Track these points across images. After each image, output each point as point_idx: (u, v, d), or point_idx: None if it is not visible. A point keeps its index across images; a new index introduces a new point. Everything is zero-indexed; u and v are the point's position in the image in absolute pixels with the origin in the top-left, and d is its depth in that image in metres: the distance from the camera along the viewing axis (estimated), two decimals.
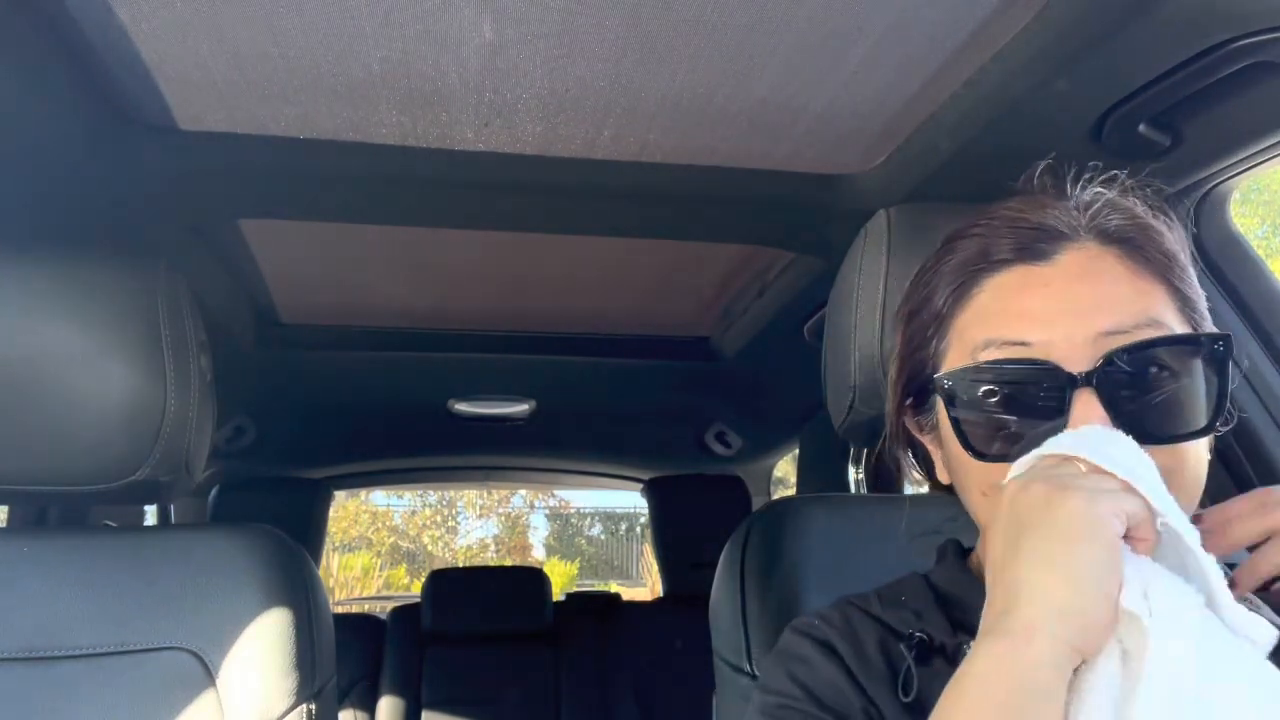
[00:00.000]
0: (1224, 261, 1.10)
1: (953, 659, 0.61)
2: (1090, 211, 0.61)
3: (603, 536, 13.84)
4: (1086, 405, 0.55)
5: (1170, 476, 0.55)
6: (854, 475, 1.96)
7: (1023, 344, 0.58)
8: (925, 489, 0.78)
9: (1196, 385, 0.57)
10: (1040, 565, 0.47)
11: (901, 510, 0.96)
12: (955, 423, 0.61)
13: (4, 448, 0.90)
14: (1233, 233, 1.11)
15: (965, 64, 0.93)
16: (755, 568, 0.95)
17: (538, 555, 13.01)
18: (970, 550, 0.72)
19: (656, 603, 2.79)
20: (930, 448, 0.70)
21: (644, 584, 10.88)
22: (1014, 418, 0.58)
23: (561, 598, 2.66)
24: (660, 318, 1.86)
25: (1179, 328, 0.58)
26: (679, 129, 1.07)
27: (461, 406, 2.19)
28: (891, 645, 0.63)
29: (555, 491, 12.30)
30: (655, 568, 2.95)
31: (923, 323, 0.66)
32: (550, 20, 0.86)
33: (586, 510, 13.58)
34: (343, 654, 1.19)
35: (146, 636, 0.91)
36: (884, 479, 1.83)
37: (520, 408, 2.21)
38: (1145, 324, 0.57)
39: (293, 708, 0.91)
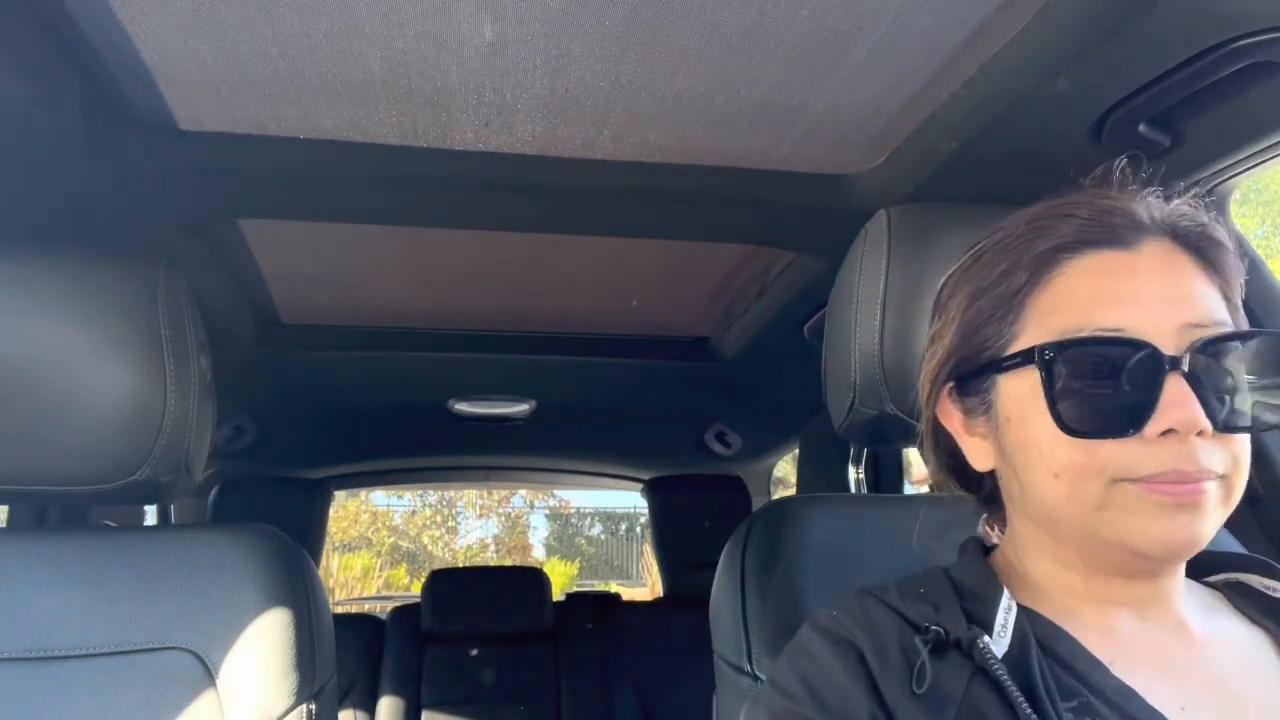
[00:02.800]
0: None
1: (968, 652, 0.61)
2: (1168, 210, 0.64)
3: (603, 536, 13.84)
4: (1177, 389, 0.57)
5: (1236, 466, 0.59)
6: (854, 475, 1.96)
7: (1115, 329, 0.60)
8: (925, 489, 0.78)
9: (1269, 381, 0.60)
10: None
11: (902, 510, 0.96)
12: (1050, 396, 0.60)
13: (4, 448, 0.90)
14: (1233, 233, 1.11)
15: (965, 64, 0.93)
16: (755, 568, 0.95)
17: (538, 555, 13.01)
18: (992, 549, 0.72)
19: (656, 603, 2.78)
20: (965, 437, 0.69)
21: (644, 584, 10.88)
22: (1106, 395, 0.59)
23: (561, 598, 2.66)
24: (660, 318, 1.86)
25: None
26: (679, 129, 1.07)
27: (462, 406, 2.19)
28: (909, 638, 0.63)
29: (555, 491, 12.30)
30: (655, 568, 2.95)
31: (993, 300, 0.65)
32: (550, 20, 0.86)
33: (586, 510, 13.60)
34: (343, 654, 1.19)
35: (146, 636, 0.91)
36: (884, 479, 1.83)
37: (520, 408, 2.21)
38: (1218, 323, 0.60)
39: (293, 708, 0.91)
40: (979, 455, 0.68)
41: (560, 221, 1.28)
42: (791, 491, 2.70)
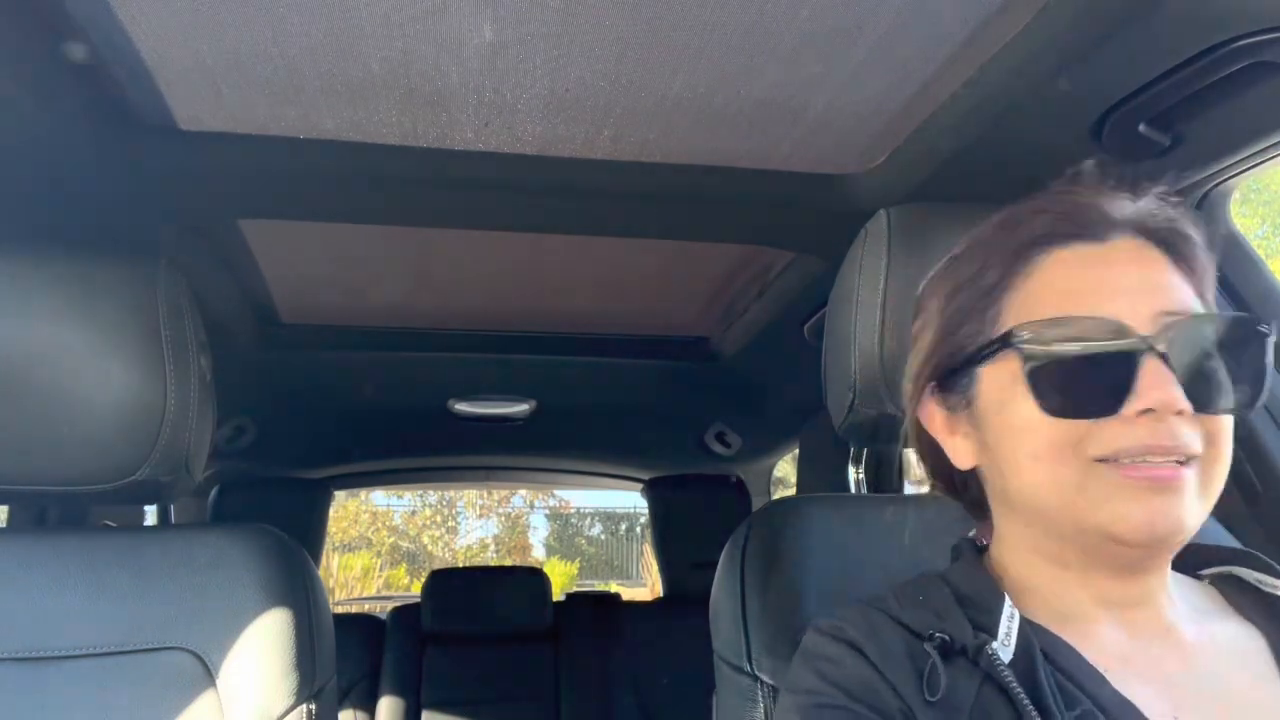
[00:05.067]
0: (1224, 261, 1.10)
1: (975, 659, 0.61)
2: (1137, 207, 0.65)
3: (603, 536, 13.84)
4: (1155, 371, 0.58)
5: (1213, 448, 0.60)
6: (854, 475, 1.96)
7: (1091, 318, 0.61)
8: (926, 489, 0.78)
9: (1242, 364, 0.61)
10: None
11: (902, 509, 0.96)
12: (1032, 377, 0.61)
13: (4, 448, 0.90)
14: (1233, 233, 1.11)
15: (965, 64, 0.93)
16: (755, 568, 0.95)
17: (538, 555, 13.00)
18: (985, 548, 0.72)
19: (656, 603, 2.78)
20: (947, 437, 0.69)
21: (644, 584, 10.88)
22: (1085, 378, 0.60)
23: (561, 598, 2.66)
24: (660, 318, 1.86)
25: None
26: (679, 129, 1.07)
27: (461, 406, 2.19)
28: (914, 646, 0.63)
29: (555, 491, 12.30)
30: (655, 568, 2.95)
31: (970, 298, 0.66)
32: (550, 20, 0.86)
33: (586, 510, 13.60)
34: (343, 654, 1.19)
35: (146, 636, 0.91)
36: (884, 479, 1.83)
37: (520, 408, 2.21)
38: (1191, 311, 0.61)
39: (293, 708, 0.91)
40: (961, 454, 0.69)
41: (560, 221, 1.28)
42: (791, 491, 2.70)
